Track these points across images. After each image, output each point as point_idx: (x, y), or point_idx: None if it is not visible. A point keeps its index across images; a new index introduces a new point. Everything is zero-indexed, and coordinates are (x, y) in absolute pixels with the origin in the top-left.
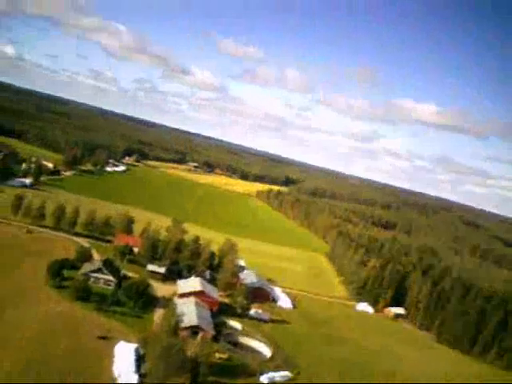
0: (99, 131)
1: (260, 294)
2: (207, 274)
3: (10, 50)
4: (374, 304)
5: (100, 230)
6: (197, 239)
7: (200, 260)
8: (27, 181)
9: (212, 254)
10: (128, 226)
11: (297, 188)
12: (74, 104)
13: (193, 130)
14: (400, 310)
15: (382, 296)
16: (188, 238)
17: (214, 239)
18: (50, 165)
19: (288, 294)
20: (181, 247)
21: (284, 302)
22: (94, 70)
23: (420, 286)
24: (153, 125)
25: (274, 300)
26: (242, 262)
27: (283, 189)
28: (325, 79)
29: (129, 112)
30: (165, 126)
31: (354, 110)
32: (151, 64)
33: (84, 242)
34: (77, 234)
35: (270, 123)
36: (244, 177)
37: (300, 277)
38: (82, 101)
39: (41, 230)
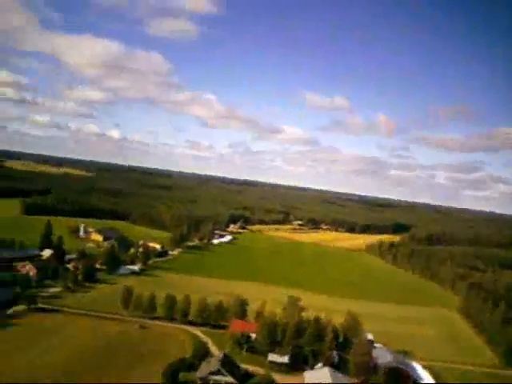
0: (202, 200)
1: (398, 375)
2: (335, 356)
3: (115, 133)
4: None
5: (213, 317)
6: (318, 319)
7: (324, 342)
8: (136, 267)
9: (336, 332)
10: (242, 309)
11: (410, 236)
12: (175, 175)
13: (290, 183)
14: None
15: None
16: (306, 315)
17: (329, 306)
18: (157, 246)
19: (427, 369)
20: (301, 330)
21: (427, 380)
22: (191, 140)
23: None
24: (251, 183)
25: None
26: (369, 336)
27: (394, 238)
28: (416, 119)
29: (228, 175)
30: (262, 183)
31: (451, 144)
32: (242, 127)
33: (198, 332)
34: (190, 323)
35: (365, 166)
36: (351, 229)
37: (434, 342)
38: (181, 170)
39: (153, 322)
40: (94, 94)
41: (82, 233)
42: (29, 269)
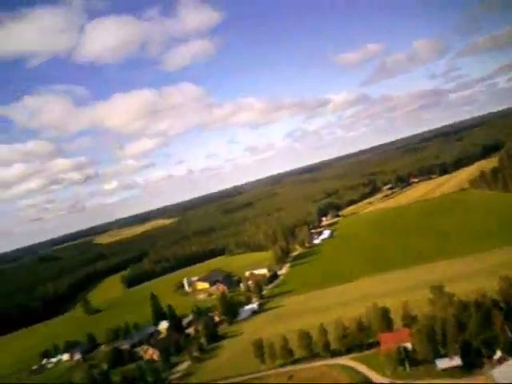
0: (285, 203)
1: None
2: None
3: (180, 170)
4: None
5: (358, 339)
6: (477, 301)
7: (495, 330)
8: (255, 305)
9: (500, 307)
10: (385, 318)
11: (506, 154)
12: (248, 187)
13: (357, 149)
14: None
15: None
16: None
17: (472, 274)
18: (264, 271)
19: None
20: (463, 319)
21: None
22: (250, 146)
23: None
24: (323, 165)
25: None
26: None
27: (491, 162)
28: (456, 28)
29: (296, 165)
30: (332, 161)
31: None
32: (291, 114)
33: (349, 361)
34: (335, 353)
35: (423, 101)
36: (443, 171)
37: None
38: (253, 179)
39: (296, 367)
40: (145, 143)
41: (187, 287)
42: (152, 353)
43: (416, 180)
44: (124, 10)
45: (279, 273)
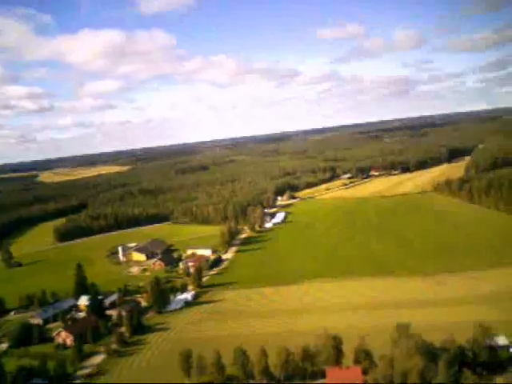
0: (241, 175)
1: None
2: None
3: (139, 117)
4: None
5: (301, 367)
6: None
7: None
8: (189, 295)
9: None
10: (336, 350)
11: (472, 163)
12: (206, 146)
13: (323, 125)
14: None
15: None
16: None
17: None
18: (208, 252)
19: None
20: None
21: None
22: (212, 105)
23: None
24: (284, 136)
25: None
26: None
27: (456, 167)
28: (437, 25)
29: (257, 132)
30: (294, 134)
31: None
32: (261, 79)
33: None
34: (272, 379)
35: (394, 88)
36: (405, 169)
37: None
38: (212, 138)
39: None
40: (107, 84)
41: (121, 255)
42: (65, 337)
43: (377, 173)
44: None
45: (223, 257)
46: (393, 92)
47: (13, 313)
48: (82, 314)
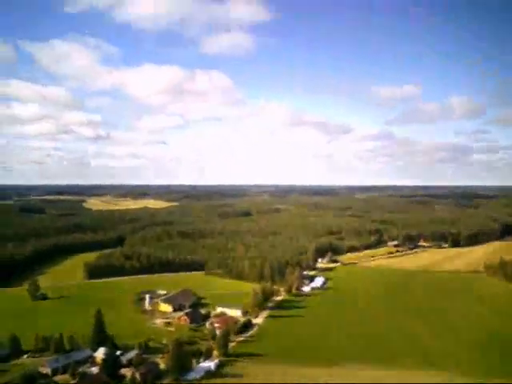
0: (283, 227)
1: None
2: None
3: (190, 156)
4: None
5: None
6: None
7: None
8: (211, 364)
9: None
10: None
11: None
12: (252, 190)
13: (367, 183)
14: None
15: None
16: None
17: None
18: (237, 313)
19: None
20: None
21: None
22: (263, 151)
23: None
24: (330, 190)
25: None
26: None
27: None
28: (493, 96)
29: (305, 182)
30: (338, 188)
31: None
32: (312, 131)
33: None
34: None
35: (445, 154)
36: (456, 242)
37: None
38: (259, 183)
39: None
40: (163, 119)
41: (147, 304)
42: None
43: (425, 244)
44: None
45: (254, 321)
46: (444, 158)
47: (26, 356)
48: (95, 370)
